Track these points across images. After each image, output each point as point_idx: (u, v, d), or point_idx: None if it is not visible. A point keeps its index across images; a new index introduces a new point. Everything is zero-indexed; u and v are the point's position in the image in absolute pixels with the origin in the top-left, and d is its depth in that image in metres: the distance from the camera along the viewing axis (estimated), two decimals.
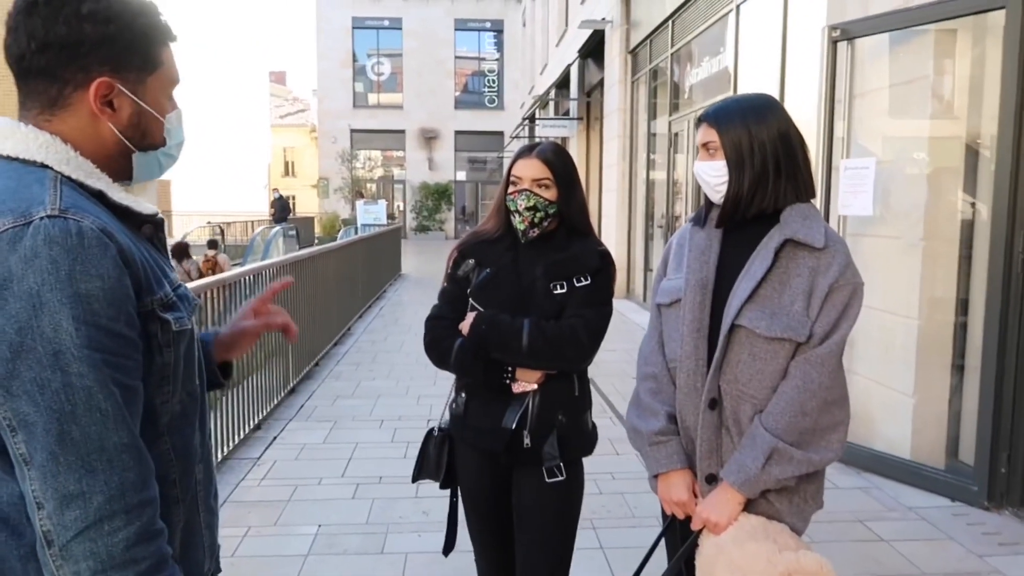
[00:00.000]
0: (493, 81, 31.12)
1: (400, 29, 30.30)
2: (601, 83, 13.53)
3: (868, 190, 4.36)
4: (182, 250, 13.51)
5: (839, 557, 3.27)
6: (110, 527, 0.95)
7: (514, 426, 2.02)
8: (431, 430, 2.25)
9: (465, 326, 2.05)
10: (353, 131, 30.07)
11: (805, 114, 5.50)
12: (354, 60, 30.57)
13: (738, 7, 7.55)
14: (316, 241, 22.52)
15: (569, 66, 16.02)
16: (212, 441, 1.32)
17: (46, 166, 1.05)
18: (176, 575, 1.04)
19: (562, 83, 17.43)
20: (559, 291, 2.05)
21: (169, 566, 1.02)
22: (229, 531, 3.54)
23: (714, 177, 1.78)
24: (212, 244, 14.75)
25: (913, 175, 4.40)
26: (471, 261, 2.15)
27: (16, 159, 1.05)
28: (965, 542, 3.49)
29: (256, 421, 5.09)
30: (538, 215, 2.08)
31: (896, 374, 4.30)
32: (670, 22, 9.77)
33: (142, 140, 1.15)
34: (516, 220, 2.09)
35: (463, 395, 2.14)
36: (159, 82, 1.15)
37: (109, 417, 0.96)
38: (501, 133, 28.93)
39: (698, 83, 9.19)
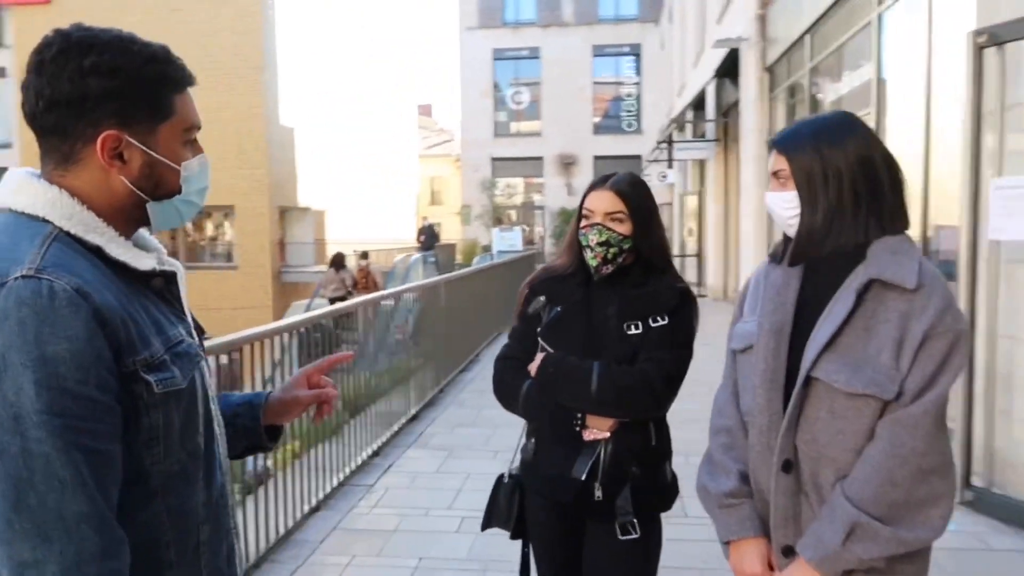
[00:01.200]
0: (632, 105, 30.90)
1: (539, 58, 30.78)
2: (738, 103, 13.08)
3: None
4: (339, 260, 15.10)
5: None
6: None
7: (584, 477, 1.91)
8: (501, 476, 2.17)
9: (533, 368, 1.97)
10: (494, 159, 30.75)
11: (955, 131, 5.02)
12: (495, 90, 31.33)
13: (880, 16, 7.05)
14: (456, 267, 23.15)
15: (705, 86, 15.61)
16: (231, 499, 1.28)
17: (48, 221, 1.06)
18: None
19: (698, 104, 17.00)
20: (633, 332, 1.93)
21: None
22: (334, 559, 3.62)
23: (785, 210, 1.61)
24: (364, 255, 15.94)
25: None
26: (542, 298, 2.07)
27: (23, 214, 1.07)
28: None
29: (376, 447, 5.22)
30: (611, 251, 1.97)
31: None
32: (807, 36, 9.29)
33: (156, 189, 1.15)
34: (588, 256, 2.00)
35: (533, 441, 2.05)
36: (173, 130, 1.14)
37: (67, 485, 0.95)
38: (639, 157, 28.61)
39: (839, 99, 8.66)
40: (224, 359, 3.92)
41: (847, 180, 1.53)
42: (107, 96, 1.07)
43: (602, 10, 30.67)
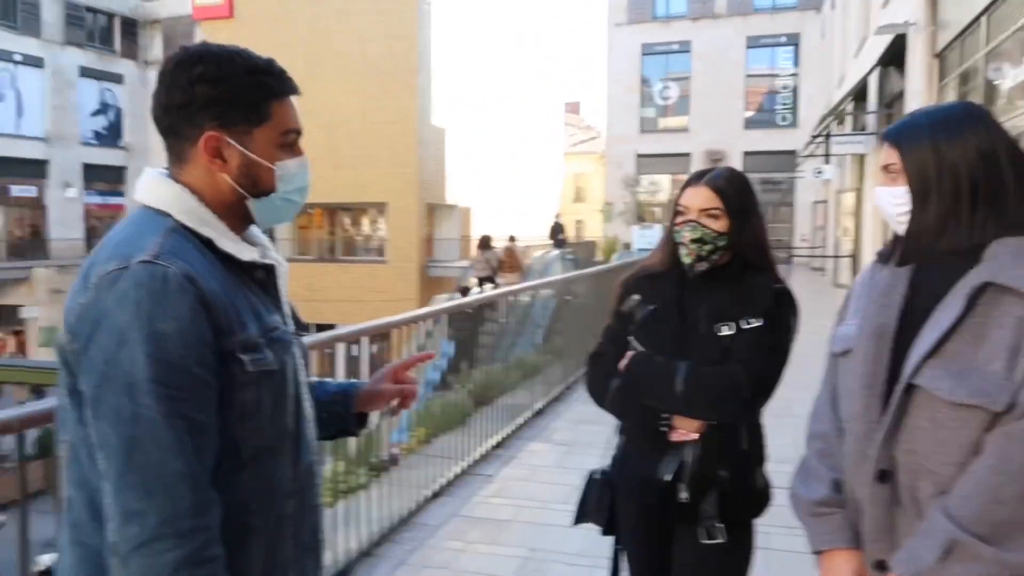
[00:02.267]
0: (787, 98, 29.50)
1: (689, 52, 30.05)
2: (903, 93, 12.18)
3: None
4: (486, 242, 16.47)
5: None
6: (161, 547, 1.06)
7: (670, 478, 1.87)
8: (592, 473, 2.17)
9: (622, 365, 1.95)
10: (639, 156, 30.36)
11: None
12: (643, 85, 30.92)
13: None
14: (595, 265, 23.08)
15: (867, 76, 14.65)
16: (319, 478, 1.38)
17: (169, 215, 1.21)
18: None
19: (859, 95, 15.99)
20: (724, 332, 1.87)
21: None
22: (450, 544, 3.74)
23: (895, 206, 1.49)
24: (512, 238, 17.23)
25: None
26: (636, 297, 2.04)
27: (152, 208, 1.23)
28: None
29: (499, 439, 5.32)
30: (705, 247, 1.91)
31: None
32: (984, 18, 8.51)
33: (254, 187, 1.27)
34: (682, 253, 1.95)
35: (622, 439, 2.04)
36: (268, 133, 1.26)
37: (169, 447, 1.07)
38: (793, 152, 27.30)
39: (1018, 85, 7.88)
40: (375, 347, 4.19)
41: (965, 176, 1.41)
42: (210, 102, 1.21)
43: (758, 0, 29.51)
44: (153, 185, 1.25)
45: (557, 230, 22.66)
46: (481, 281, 16.35)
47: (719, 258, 1.94)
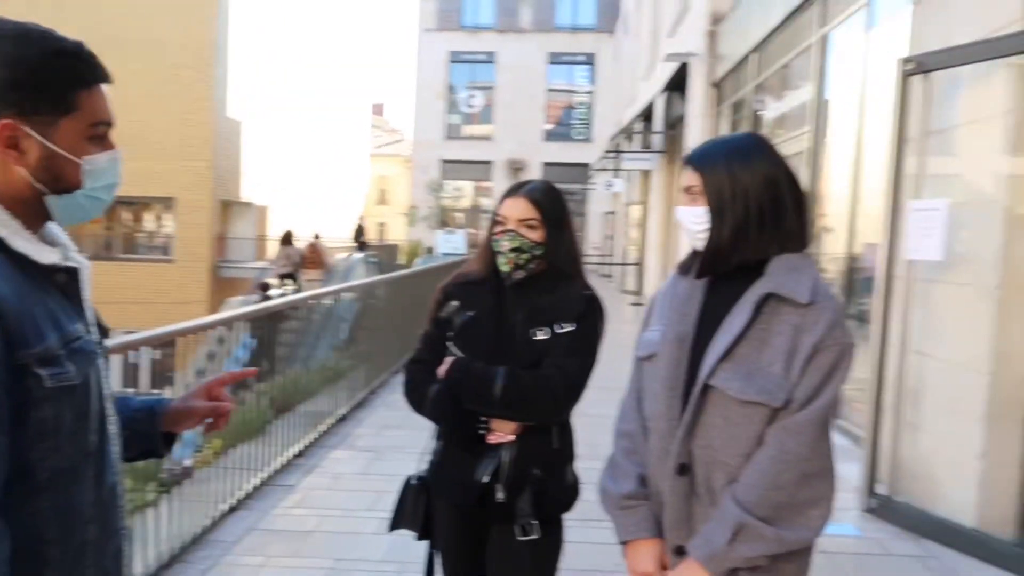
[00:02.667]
0: (583, 114, 31.23)
1: (494, 63, 30.89)
2: (684, 117, 13.32)
3: (939, 233, 4.05)
4: (287, 238, 15.95)
5: None
6: None
7: (487, 479, 1.92)
8: (408, 478, 2.17)
9: (441, 371, 1.97)
10: (444, 161, 30.69)
11: (882, 151, 5.19)
12: (449, 92, 31.32)
13: (823, 39, 7.27)
14: (398, 268, 23.00)
15: (654, 98, 15.85)
16: (122, 499, 1.26)
17: None
18: None
19: (647, 115, 17.26)
20: (540, 337, 1.95)
21: None
22: (248, 559, 3.55)
23: (695, 224, 1.64)
24: (316, 235, 16.70)
25: (990, 217, 4.05)
26: (454, 303, 2.07)
27: None
28: None
29: (300, 448, 5.13)
30: (523, 256, 1.99)
31: (964, 432, 3.93)
32: (754, 54, 9.52)
33: (55, 183, 1.14)
34: (500, 261, 2.01)
35: (440, 443, 2.05)
36: (75, 124, 1.13)
37: None
38: (587, 165, 28.93)
39: (780, 116, 8.91)
40: (157, 354, 3.81)
41: (753, 199, 1.57)
42: (6, 86, 1.07)
43: (559, 18, 30.96)
44: None
45: (360, 232, 22.32)
46: (283, 278, 15.89)
47: (535, 267, 2.01)
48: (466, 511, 2.01)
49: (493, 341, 1.98)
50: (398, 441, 5.58)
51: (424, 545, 2.21)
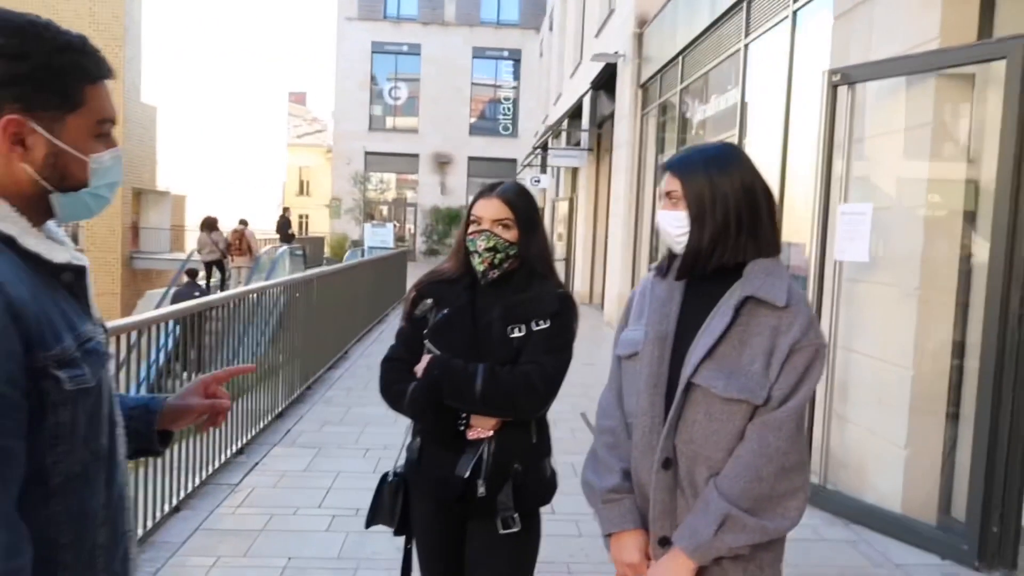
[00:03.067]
0: (508, 109, 31.36)
1: (419, 55, 30.65)
2: (612, 115, 13.57)
3: (865, 236, 4.30)
4: (211, 223, 15.40)
5: None
6: None
7: (468, 474, 1.96)
8: (385, 475, 2.19)
9: (419, 369, 2.00)
10: (368, 153, 30.29)
11: (808, 157, 5.45)
12: (372, 83, 30.89)
13: (746, 46, 7.55)
14: (325, 261, 22.58)
15: (582, 97, 16.08)
16: (129, 501, 1.26)
17: None
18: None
19: (574, 114, 17.49)
20: (516, 335, 2.00)
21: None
22: (198, 560, 3.48)
23: (675, 228, 1.72)
24: (243, 222, 16.17)
25: (911, 222, 4.34)
26: (429, 301, 2.10)
27: None
28: None
29: (240, 445, 5.04)
30: (498, 256, 2.04)
31: (889, 424, 4.20)
32: (680, 58, 9.79)
33: (61, 181, 1.12)
34: (475, 261, 2.05)
35: (418, 440, 2.08)
36: (82, 121, 1.11)
37: None
38: (514, 160, 29.07)
39: (706, 119, 9.20)
40: None
41: (732, 205, 1.66)
42: (12, 80, 1.04)
43: (484, 12, 30.96)
44: None
45: (285, 224, 21.80)
46: (209, 265, 15.47)
47: (509, 265, 2.06)
48: (445, 506, 2.04)
49: (470, 339, 2.01)
50: (339, 438, 5.54)
51: (389, 542, 2.23)
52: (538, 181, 20.02)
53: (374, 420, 6.06)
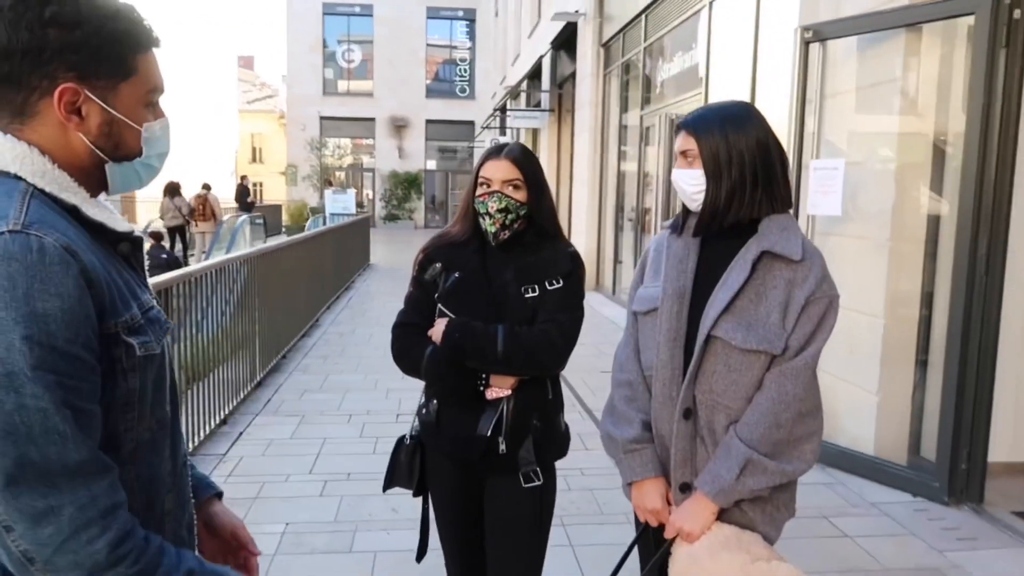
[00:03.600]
0: (465, 71, 30.95)
1: (371, 16, 29.97)
2: (573, 75, 13.52)
3: (837, 190, 4.41)
4: (174, 188, 15.38)
5: (803, 553, 3.32)
6: (88, 536, 0.95)
7: (489, 433, 2.00)
8: (402, 438, 2.21)
9: (436, 333, 2.01)
10: (322, 118, 29.70)
11: (776, 114, 5.52)
12: (324, 46, 30.18)
13: (711, 4, 7.57)
14: (284, 230, 22.24)
15: (541, 58, 15.98)
16: (187, 468, 1.28)
17: (20, 177, 1.02)
18: (158, 548, 1.03)
19: (534, 74, 17.39)
20: (531, 295, 2.03)
21: (150, 548, 1.02)
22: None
23: (691, 186, 1.76)
24: (205, 186, 16.24)
25: (881, 176, 4.46)
26: (438, 265, 2.10)
27: None
28: (926, 537, 3.56)
29: (222, 416, 5.02)
30: (509, 216, 2.05)
31: (861, 371, 4.37)
32: (643, 16, 9.78)
33: (115, 150, 1.11)
34: (486, 223, 2.06)
35: (434, 402, 2.10)
36: (134, 90, 1.11)
37: (68, 437, 0.94)
38: (472, 123, 28.81)
39: (670, 78, 9.22)
40: None
41: (748, 162, 1.71)
42: (67, 48, 1.03)
43: None
44: None
45: (244, 192, 21.37)
46: (172, 231, 15.39)
47: (519, 226, 2.08)
48: (465, 466, 2.08)
49: (486, 300, 2.03)
50: (321, 405, 5.55)
51: (386, 503, 2.27)
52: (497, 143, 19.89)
53: (354, 387, 6.08)
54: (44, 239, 0.94)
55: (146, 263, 1.21)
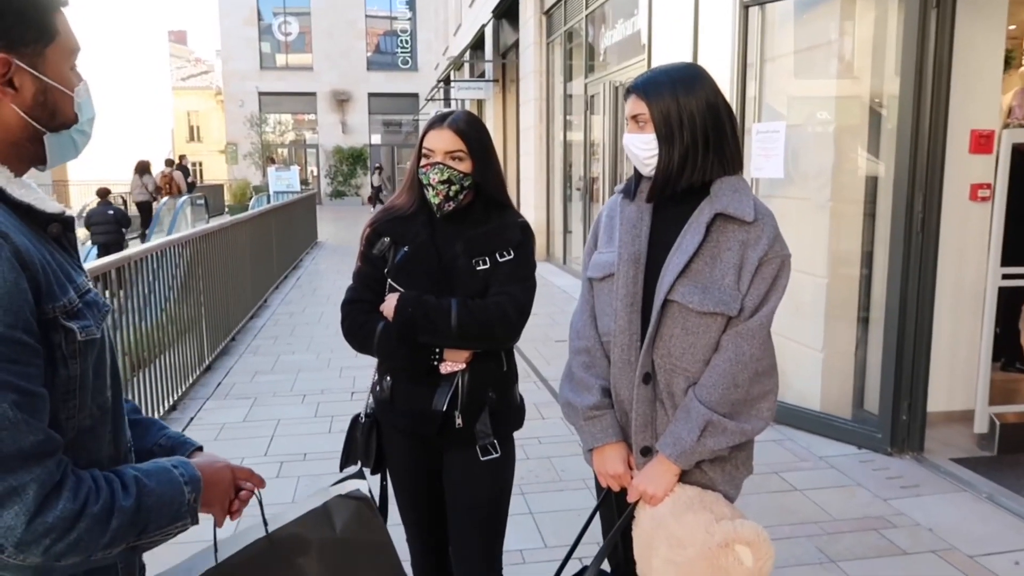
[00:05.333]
0: (406, 42, 30.44)
1: None
2: (516, 44, 13.42)
3: (779, 153, 4.48)
4: (143, 167, 15.63)
5: (756, 508, 3.42)
6: (60, 506, 0.95)
7: (444, 407, 1.99)
8: (357, 416, 2.19)
9: (388, 308, 1.98)
10: (261, 94, 28.95)
11: (719, 79, 5.55)
12: (259, 19, 29.32)
13: None
14: (226, 209, 21.69)
15: (483, 27, 15.79)
16: (131, 454, 1.23)
17: None
18: (103, 476, 1.03)
19: (477, 44, 17.18)
20: (482, 267, 2.00)
21: (98, 480, 1.02)
22: None
23: (643, 150, 1.76)
24: (168, 163, 16.88)
25: (820, 138, 4.55)
26: (386, 239, 2.06)
27: None
28: (871, 487, 3.70)
29: (172, 401, 4.91)
30: (453, 188, 2.00)
31: (806, 330, 4.49)
32: None
33: (52, 119, 1.07)
34: (430, 194, 2.02)
35: (388, 379, 2.07)
36: (59, 53, 1.06)
37: (19, 422, 0.91)
38: (416, 95, 28.43)
39: (613, 45, 9.22)
40: None
41: (699, 124, 1.71)
42: None
43: None
44: None
45: (184, 173, 20.74)
46: (139, 206, 15.40)
47: (464, 197, 2.05)
48: (421, 441, 2.07)
49: (435, 274, 2.01)
50: (273, 386, 5.48)
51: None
52: None
53: (306, 366, 6.01)
54: None
55: (80, 244, 1.16)
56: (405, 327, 1.95)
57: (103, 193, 13.53)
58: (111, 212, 12.55)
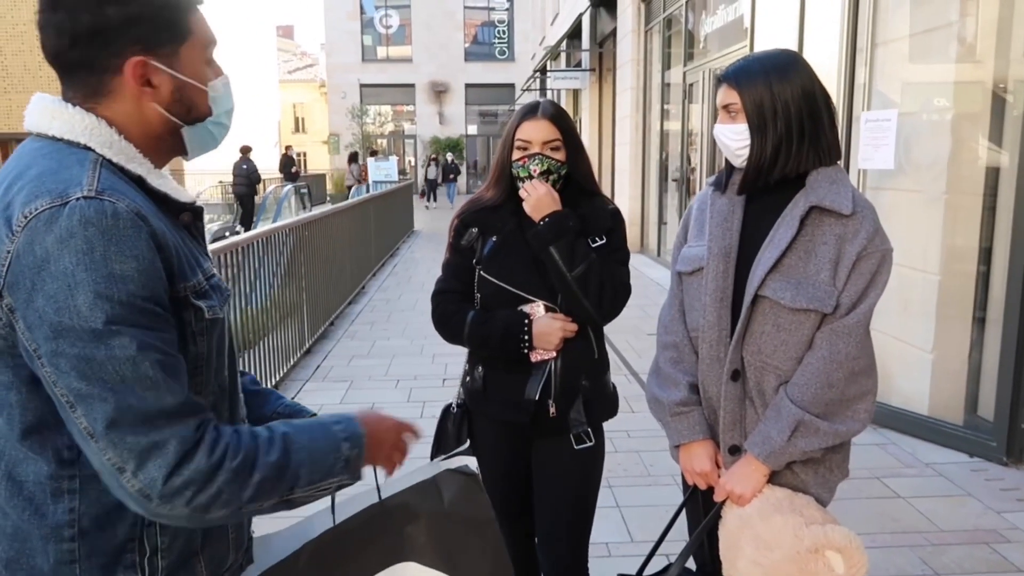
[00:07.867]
0: (503, 32, 30.57)
1: None
2: (614, 33, 13.25)
3: (890, 143, 4.26)
4: (245, 151, 16.54)
5: (856, 514, 3.28)
6: (199, 460, 0.99)
7: (538, 396, 1.99)
8: (448, 406, 2.21)
9: (538, 200, 1.96)
10: (362, 86, 29.72)
11: (825, 65, 5.34)
12: (362, 13, 30.08)
13: None
14: (328, 198, 22.43)
15: (581, 16, 15.66)
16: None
17: (89, 148, 1.06)
18: (248, 432, 1.07)
19: (573, 33, 17.07)
20: None
21: (242, 436, 1.05)
22: None
23: (735, 141, 1.71)
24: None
25: (936, 127, 4.29)
26: (474, 230, 2.08)
27: (60, 140, 1.06)
28: (983, 498, 3.49)
29: (274, 382, 5.13)
30: (551, 178, 2.01)
31: (915, 329, 4.25)
32: None
33: (188, 113, 1.14)
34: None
35: (480, 369, 2.10)
36: (194, 50, 1.13)
37: (160, 382, 0.98)
38: (512, 86, 28.53)
39: (713, 32, 8.97)
40: None
41: (794, 113, 1.64)
42: (127, 23, 1.06)
43: None
44: (59, 114, 1.07)
45: (288, 163, 21.55)
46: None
47: (559, 187, 2.05)
48: (513, 431, 2.08)
49: (527, 262, 2.01)
50: (369, 370, 5.64)
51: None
52: None
53: (400, 352, 6.15)
54: (117, 204, 0.98)
55: (205, 233, 1.24)
56: (552, 229, 1.94)
57: (245, 150, 15.56)
58: (244, 167, 14.57)
